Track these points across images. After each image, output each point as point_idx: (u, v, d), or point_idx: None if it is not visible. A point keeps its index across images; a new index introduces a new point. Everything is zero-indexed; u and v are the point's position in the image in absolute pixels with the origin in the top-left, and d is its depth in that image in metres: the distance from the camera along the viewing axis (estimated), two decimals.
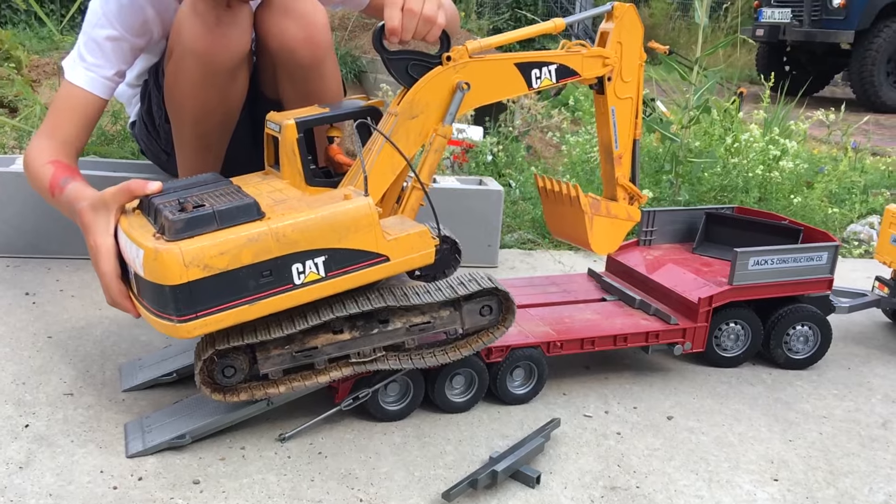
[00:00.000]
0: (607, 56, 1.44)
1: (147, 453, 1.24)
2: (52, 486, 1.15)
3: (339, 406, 1.32)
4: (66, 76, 1.61)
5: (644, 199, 1.58)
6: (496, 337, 1.34)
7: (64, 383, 1.44)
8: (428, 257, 1.27)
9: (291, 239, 1.16)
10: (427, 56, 1.32)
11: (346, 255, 1.20)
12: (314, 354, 1.26)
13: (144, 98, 1.89)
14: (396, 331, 1.29)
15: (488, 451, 1.30)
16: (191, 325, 1.14)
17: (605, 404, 1.48)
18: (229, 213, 1.15)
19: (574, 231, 1.54)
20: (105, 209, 1.28)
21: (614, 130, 1.50)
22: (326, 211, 1.18)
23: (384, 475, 1.23)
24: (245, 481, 1.19)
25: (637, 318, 1.54)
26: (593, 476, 1.26)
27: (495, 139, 3.13)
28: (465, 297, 1.31)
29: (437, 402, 1.38)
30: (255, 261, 1.15)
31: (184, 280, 1.12)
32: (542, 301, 1.61)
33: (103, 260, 1.27)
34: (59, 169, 1.49)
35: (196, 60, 1.59)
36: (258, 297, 1.16)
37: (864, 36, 7.66)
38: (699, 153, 2.42)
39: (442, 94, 1.32)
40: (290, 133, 1.30)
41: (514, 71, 1.37)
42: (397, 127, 1.31)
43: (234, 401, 1.26)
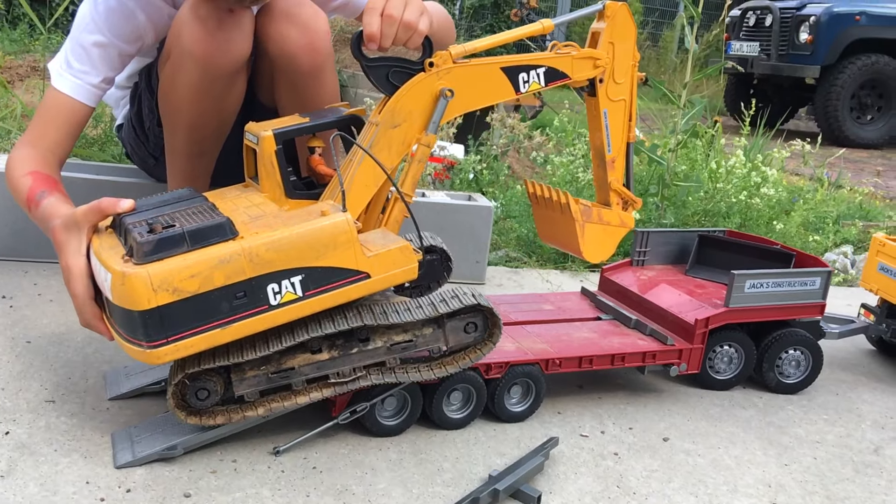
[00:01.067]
0: (598, 57, 1.41)
1: (136, 464, 1.19)
2: (35, 496, 1.10)
3: (337, 419, 1.29)
4: (52, 82, 1.56)
5: (639, 203, 1.56)
6: (483, 354, 1.30)
7: (45, 390, 1.38)
8: (411, 272, 1.23)
9: (266, 259, 1.12)
10: (409, 62, 1.28)
11: (325, 274, 1.16)
12: (291, 375, 1.22)
13: (134, 100, 1.85)
14: (377, 350, 1.25)
15: (486, 470, 1.27)
16: (161, 352, 1.10)
17: (601, 424, 1.46)
18: (200, 233, 1.11)
19: (565, 238, 1.51)
20: (76, 229, 1.24)
21: (607, 133, 1.47)
22: (302, 228, 1.15)
23: (381, 492, 1.20)
24: (238, 496, 1.15)
25: (633, 337, 1.53)
26: (593, 497, 1.24)
27: (478, 157, 3.12)
28: (448, 315, 1.27)
29: (435, 418, 1.35)
30: (228, 282, 1.11)
31: (152, 305, 1.08)
32: (537, 318, 1.59)
33: (75, 282, 1.22)
34: (38, 181, 1.43)
35: (195, 64, 1.56)
36: (232, 319, 1.12)
37: (830, 71, 7.83)
38: (685, 177, 2.44)
39: (425, 101, 1.29)
40: (268, 145, 1.26)
41: (501, 75, 1.34)
42: (378, 137, 1.27)
43: (210, 423, 1.22)
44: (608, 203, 1.53)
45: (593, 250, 1.51)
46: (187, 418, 1.20)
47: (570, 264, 2.39)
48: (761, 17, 8.36)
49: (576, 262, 2.39)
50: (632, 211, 1.56)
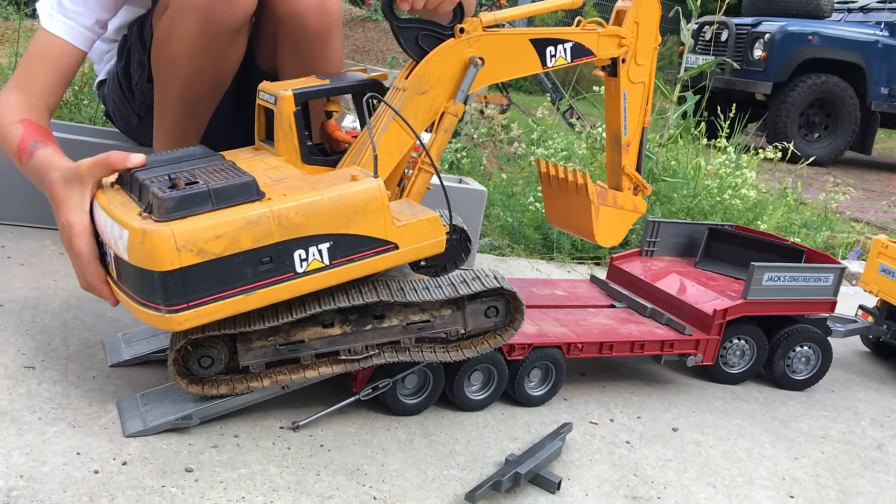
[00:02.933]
0: (624, 36, 1.38)
1: (149, 433, 1.10)
2: (22, 466, 1.00)
3: (358, 395, 1.21)
4: (43, 23, 1.45)
5: (649, 189, 1.53)
6: (503, 340, 1.25)
7: (23, 355, 1.28)
8: (438, 246, 1.18)
9: (295, 223, 1.05)
10: (439, 27, 1.24)
11: (353, 242, 1.10)
12: (300, 348, 1.15)
13: (122, 54, 1.73)
14: (392, 328, 1.18)
15: (499, 453, 1.22)
16: (182, 317, 1.02)
17: (609, 412, 1.42)
18: (226, 191, 1.03)
19: (578, 221, 1.47)
20: (79, 183, 1.14)
21: (624, 116, 1.44)
22: (333, 193, 1.08)
23: (395, 472, 1.13)
24: (243, 472, 1.07)
25: (650, 326, 1.49)
26: (612, 485, 1.19)
27: (460, 145, 3.07)
28: (469, 297, 1.21)
29: (455, 399, 1.29)
30: (255, 246, 1.03)
31: (175, 266, 1.00)
32: (552, 303, 1.54)
33: (78, 240, 1.13)
34: (30, 130, 1.32)
35: (196, 17, 1.47)
36: (256, 285, 1.05)
37: (781, 88, 8.01)
38: (673, 173, 2.43)
39: (454, 68, 1.24)
40: (288, 105, 1.19)
41: (529, 47, 1.30)
42: (405, 103, 1.22)
43: (211, 393, 1.14)
44: (620, 187, 1.49)
45: (606, 234, 1.47)
46: (189, 386, 1.12)
47: (557, 255, 2.35)
48: (717, 32, 8.50)
49: (562, 252, 2.35)
50: (642, 196, 1.52)
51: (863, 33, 8.12)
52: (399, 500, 1.07)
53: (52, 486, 0.97)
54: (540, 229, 2.41)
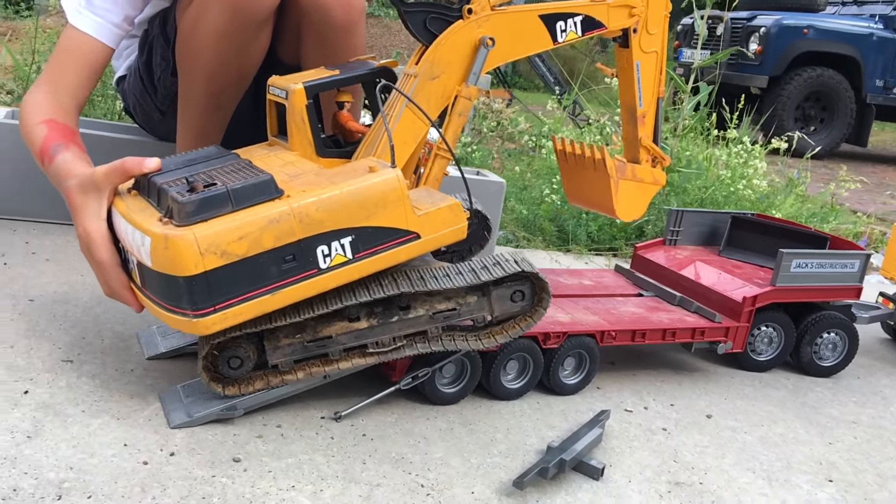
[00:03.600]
0: (634, 5, 1.36)
1: (193, 424, 1.10)
2: (70, 458, 1.00)
3: (398, 385, 1.21)
4: (71, 20, 1.44)
5: (667, 161, 1.52)
6: (533, 322, 1.24)
7: (59, 349, 1.27)
8: (460, 232, 1.17)
9: (316, 219, 1.04)
10: (447, 8, 1.22)
11: (375, 234, 1.09)
12: (328, 344, 1.15)
13: (144, 48, 1.73)
14: (418, 318, 1.18)
15: (539, 441, 1.22)
16: (209, 321, 1.02)
17: (642, 400, 1.43)
18: (245, 191, 1.02)
19: (597, 196, 1.46)
20: (96, 191, 1.14)
21: (638, 87, 1.43)
22: (352, 186, 1.07)
23: (439, 461, 1.13)
24: (290, 461, 1.07)
25: (680, 314, 1.50)
26: (653, 471, 1.19)
27: (469, 138, 3.07)
28: (494, 282, 1.20)
29: (491, 388, 1.29)
30: (278, 244, 1.03)
31: (200, 270, 0.99)
32: (581, 293, 1.54)
33: (98, 248, 1.12)
34: (53, 132, 1.31)
35: (222, 9, 1.46)
36: (281, 284, 1.05)
37: (777, 82, 8.02)
38: (687, 163, 2.43)
39: (464, 51, 1.23)
40: (299, 99, 1.18)
41: (539, 23, 1.29)
42: (417, 89, 1.21)
43: (249, 391, 1.14)
44: (637, 161, 1.48)
45: (626, 208, 1.47)
46: (225, 389, 1.12)
47: (574, 246, 2.35)
48: (712, 27, 8.51)
49: (579, 243, 2.35)
50: (661, 168, 1.51)
51: (857, 26, 8.14)
52: (446, 487, 1.07)
53: (102, 478, 0.97)
54: (555, 221, 2.41)
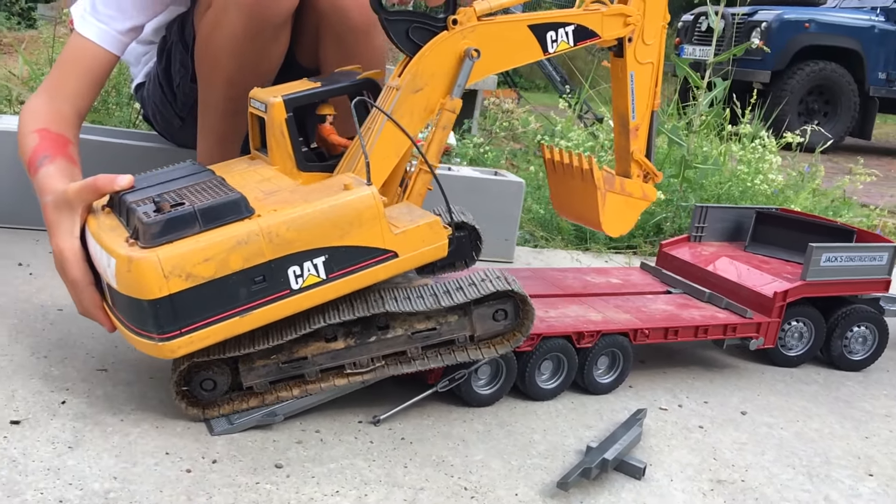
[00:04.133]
0: (629, 14, 1.32)
1: (234, 431, 1.10)
2: (113, 468, 0.99)
3: (435, 388, 1.20)
4: (76, 27, 1.44)
5: (659, 177, 1.47)
6: (512, 345, 1.20)
7: (93, 358, 1.27)
8: (441, 250, 1.14)
9: (286, 239, 1.02)
10: (431, 19, 1.18)
11: (350, 254, 1.06)
12: (304, 365, 1.12)
13: (162, 55, 1.72)
14: (397, 338, 1.15)
15: (577, 442, 1.21)
16: (174, 344, 1.00)
17: (675, 398, 1.42)
18: (213, 211, 1.00)
19: (583, 209, 1.41)
20: (69, 208, 1.13)
21: (632, 99, 1.38)
22: (325, 204, 1.05)
23: (479, 463, 1.12)
24: (332, 466, 1.06)
25: (711, 310, 1.49)
26: (694, 469, 1.19)
27: (481, 139, 3.06)
28: (475, 301, 1.16)
29: (527, 389, 1.29)
30: (246, 266, 1.01)
31: (164, 293, 0.97)
32: (609, 291, 1.54)
33: (70, 266, 1.12)
34: (43, 143, 1.29)
35: (241, 12, 1.46)
36: (250, 306, 1.02)
37: (780, 76, 8.01)
38: (703, 159, 2.42)
39: (449, 63, 1.19)
40: (278, 112, 1.16)
41: (528, 34, 1.25)
42: (399, 102, 1.17)
43: (212, 415, 1.11)
44: (628, 174, 1.44)
45: (613, 223, 1.41)
46: (187, 409, 1.10)
47: (592, 245, 2.34)
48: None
49: (598, 242, 2.35)
50: (652, 184, 1.48)
51: (859, 19, 8.13)
52: (489, 489, 1.06)
53: (147, 487, 0.96)
54: None
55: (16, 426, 1.05)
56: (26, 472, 0.96)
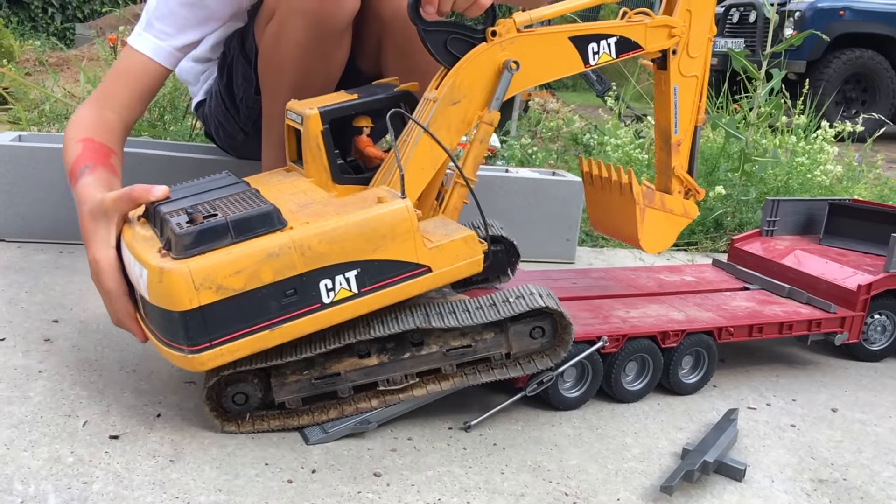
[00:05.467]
0: (674, 26, 1.28)
1: (328, 440, 1.09)
2: (216, 480, 0.99)
3: (525, 392, 1.19)
4: (129, 41, 1.45)
5: (702, 193, 1.41)
6: (552, 363, 1.16)
7: (178, 371, 1.27)
8: (476, 265, 1.11)
9: (318, 252, 1.01)
10: (470, 30, 1.16)
11: (382, 268, 1.04)
12: (336, 381, 1.10)
13: (223, 71, 1.73)
14: (432, 355, 1.12)
15: (669, 444, 1.19)
16: (205, 357, 0.99)
17: (762, 397, 1.39)
18: (246, 222, 0.99)
19: (622, 224, 1.36)
20: (105, 218, 1.12)
21: (675, 112, 1.34)
22: (358, 217, 1.03)
23: (576, 468, 1.11)
24: (430, 474, 1.05)
25: (793, 306, 1.46)
26: (793, 469, 1.16)
27: (529, 140, 3.05)
28: (512, 318, 1.13)
29: (613, 391, 1.27)
30: (277, 279, 0.99)
31: (195, 305, 0.97)
32: (687, 289, 1.51)
33: (105, 276, 1.11)
34: (86, 152, 1.29)
35: (305, 20, 1.46)
36: (281, 319, 1.01)
37: (815, 66, 7.88)
38: (763, 152, 2.38)
39: (487, 75, 1.16)
40: (314, 124, 1.14)
41: (569, 46, 1.21)
42: (436, 115, 1.15)
43: (249, 430, 1.10)
44: (669, 190, 1.38)
45: (652, 239, 1.36)
46: (224, 425, 1.09)
47: None
48: (745, 14, 8.40)
49: None
50: (694, 200, 1.41)
51: (894, 5, 7.97)
52: (590, 495, 1.05)
53: (253, 499, 0.96)
54: None
55: (115, 441, 1.06)
56: (132, 486, 0.96)
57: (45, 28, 7.98)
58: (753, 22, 8.13)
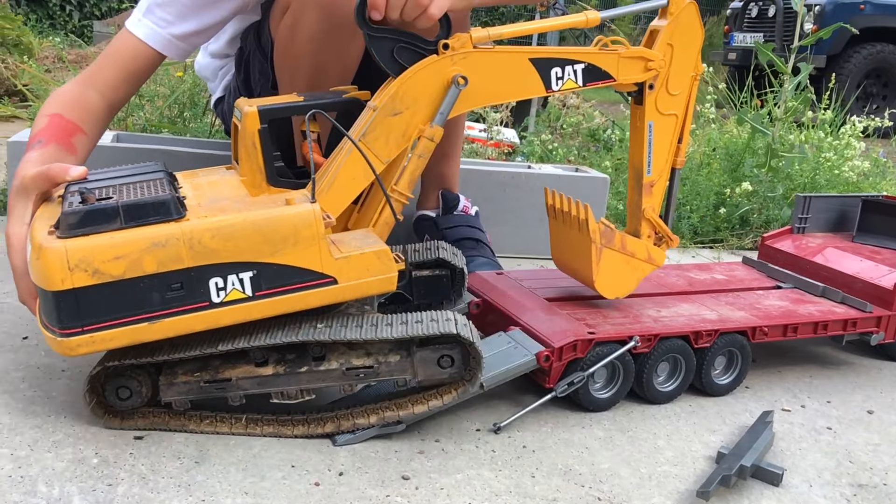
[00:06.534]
0: (651, 59, 1.20)
1: (356, 441, 1.07)
2: (242, 482, 0.97)
3: (555, 392, 1.16)
4: (126, 24, 1.43)
5: (675, 241, 1.33)
6: (457, 398, 1.08)
7: None
8: (388, 283, 1.05)
9: (210, 248, 0.96)
10: (420, 40, 1.11)
11: (282, 273, 0.99)
12: (227, 388, 1.04)
13: (241, 67, 1.71)
14: (330, 372, 1.04)
15: (703, 447, 1.16)
16: (74, 342, 0.94)
17: (796, 398, 1.36)
18: (138, 208, 0.94)
19: (578, 263, 1.29)
20: (24, 195, 1.10)
21: (648, 151, 1.25)
22: (257, 216, 0.98)
23: (608, 471, 1.08)
24: (459, 477, 1.03)
25: (827, 305, 1.42)
26: (831, 473, 1.13)
27: (549, 137, 3.01)
28: (419, 341, 1.05)
29: (644, 392, 1.24)
30: (161, 270, 0.94)
31: (67, 286, 0.92)
32: (718, 288, 1.48)
33: (13, 253, 1.09)
34: (47, 128, 1.27)
35: (319, 12, 1.43)
36: (163, 314, 0.96)
37: (835, 61, 7.78)
38: (790, 147, 2.34)
39: (434, 88, 1.11)
40: (251, 122, 1.10)
41: (528, 68, 1.14)
42: (375, 124, 1.10)
43: (131, 426, 1.06)
44: (637, 234, 1.31)
45: (609, 283, 1.29)
46: (105, 418, 1.05)
47: (684, 242, 2.28)
48: (764, 9, 8.32)
49: (684, 237, 2.28)
50: (665, 249, 1.34)
51: None
52: (623, 499, 1.02)
53: (279, 502, 0.94)
54: None
55: (140, 441, 1.04)
56: (157, 488, 0.95)
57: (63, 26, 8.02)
58: (773, 16, 8.06)
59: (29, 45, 3.33)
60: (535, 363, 1.15)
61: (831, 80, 2.95)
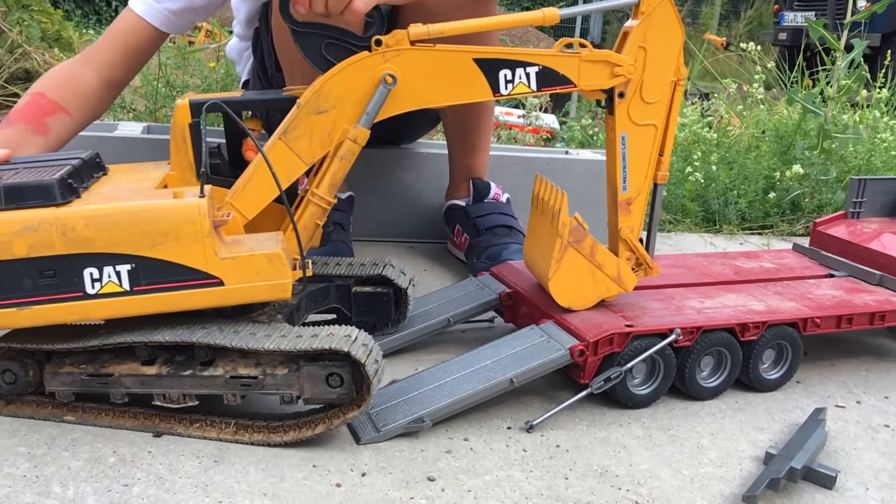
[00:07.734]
0: (618, 63, 1.08)
1: (381, 440, 1.03)
2: (261, 483, 0.94)
3: (591, 389, 1.11)
4: (129, 2, 1.42)
5: (655, 271, 1.21)
6: (343, 420, 1.00)
7: None
8: (281, 290, 0.98)
9: (83, 236, 0.92)
10: (350, 35, 1.04)
11: (163, 269, 0.94)
12: (109, 384, 1.00)
13: (257, 48, 1.68)
14: (214, 378, 0.99)
15: (750, 446, 1.09)
16: None
17: (851, 394, 1.27)
18: (18, 191, 0.92)
19: (539, 255, 1.19)
20: None
21: (622, 165, 1.14)
22: (134, 207, 0.93)
23: (647, 473, 1.02)
24: (488, 479, 0.98)
25: (885, 294, 1.33)
26: (889, 475, 1.05)
27: (590, 121, 2.93)
28: (307, 355, 0.97)
29: (687, 388, 1.17)
30: (32, 255, 0.92)
31: None
32: (766, 276, 1.40)
33: None
34: (23, 107, 1.26)
35: None
36: (34, 300, 0.93)
37: (891, 38, 7.47)
38: (844, 128, 2.23)
39: (363, 87, 1.04)
40: (182, 115, 1.06)
41: (473, 69, 1.05)
42: (298, 122, 1.04)
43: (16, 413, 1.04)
44: (615, 254, 1.20)
45: (564, 287, 1.16)
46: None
47: (724, 226, 2.19)
48: None
49: (731, 223, 2.19)
50: (643, 276, 1.21)
51: None
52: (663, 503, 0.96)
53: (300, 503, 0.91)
54: (697, 201, 2.25)
55: (159, 439, 1.01)
56: (174, 489, 0.92)
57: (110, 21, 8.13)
58: None
59: (69, 40, 3.35)
60: (569, 358, 1.09)
61: (887, 57, 2.80)
